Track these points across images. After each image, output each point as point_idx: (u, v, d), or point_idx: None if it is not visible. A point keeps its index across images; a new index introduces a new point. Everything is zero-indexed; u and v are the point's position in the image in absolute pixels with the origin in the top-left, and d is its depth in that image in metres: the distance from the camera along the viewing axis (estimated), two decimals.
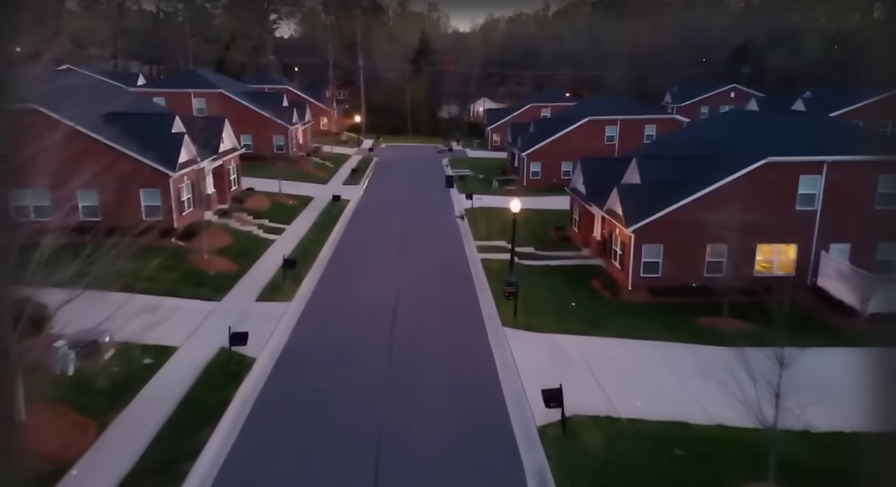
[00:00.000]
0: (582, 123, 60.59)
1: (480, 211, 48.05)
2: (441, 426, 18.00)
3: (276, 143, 63.09)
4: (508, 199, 55.18)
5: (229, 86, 64.98)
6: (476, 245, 38.56)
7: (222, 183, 41.53)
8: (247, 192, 45.47)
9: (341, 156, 76.78)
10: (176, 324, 24.56)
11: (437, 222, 44.75)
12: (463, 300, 28.71)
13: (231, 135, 43.58)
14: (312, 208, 47.37)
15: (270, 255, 34.62)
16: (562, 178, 61.27)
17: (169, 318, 25.03)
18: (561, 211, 48.26)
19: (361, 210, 48.07)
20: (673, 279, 30.68)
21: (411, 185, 59.87)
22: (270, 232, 39.31)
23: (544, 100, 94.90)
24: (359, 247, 37.24)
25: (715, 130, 38.61)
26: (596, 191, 37.06)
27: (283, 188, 49.41)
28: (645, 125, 61.14)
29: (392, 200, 52.36)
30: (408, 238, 39.88)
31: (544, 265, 35.29)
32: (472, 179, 64.15)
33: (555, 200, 53.00)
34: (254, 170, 53.57)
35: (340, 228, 41.91)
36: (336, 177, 62.38)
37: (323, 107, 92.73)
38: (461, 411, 18.91)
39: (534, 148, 61.07)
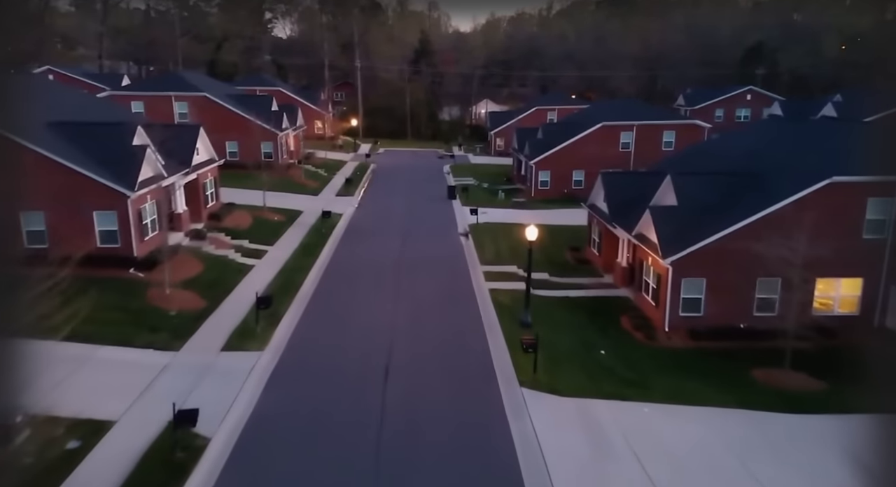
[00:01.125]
0: (595, 129, 55.92)
1: (486, 228, 43.37)
2: None
3: (264, 150, 58.33)
4: (516, 213, 50.74)
5: (214, 89, 60.31)
6: (483, 271, 33.87)
7: (196, 199, 36.86)
8: (226, 208, 40.80)
9: (336, 163, 72.09)
10: (119, 386, 19.91)
11: (439, 242, 40.07)
12: (471, 348, 24.02)
13: (208, 145, 38.92)
14: (300, 224, 42.67)
15: (246, 286, 29.93)
16: (573, 188, 56.75)
17: (112, 377, 20.40)
18: (576, 227, 43.60)
19: (355, 227, 43.36)
20: (717, 319, 26.04)
21: (410, 197, 55.18)
22: (250, 255, 34.61)
23: (550, 102, 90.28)
24: (349, 276, 32.54)
25: (757, 142, 33.91)
26: (621, 210, 32.40)
27: (270, 201, 44.73)
28: (663, 131, 56.47)
29: (389, 215, 47.67)
30: (405, 263, 35.19)
31: (562, 296, 30.59)
32: (475, 189, 59.50)
33: (567, 214, 48.36)
34: (238, 180, 48.89)
35: (329, 250, 37.21)
36: (329, 187, 57.69)
37: (318, 110, 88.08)
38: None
39: (542, 156, 56.41)
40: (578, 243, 39.62)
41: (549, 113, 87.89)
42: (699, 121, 57.04)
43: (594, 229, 36.78)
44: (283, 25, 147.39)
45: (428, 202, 52.99)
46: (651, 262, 27.73)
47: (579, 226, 43.64)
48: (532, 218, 46.86)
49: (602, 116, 57.50)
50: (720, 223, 25.83)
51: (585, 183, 56.71)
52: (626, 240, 31.64)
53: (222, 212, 39.74)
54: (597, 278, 33.96)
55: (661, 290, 26.49)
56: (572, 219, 46.62)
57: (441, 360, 22.95)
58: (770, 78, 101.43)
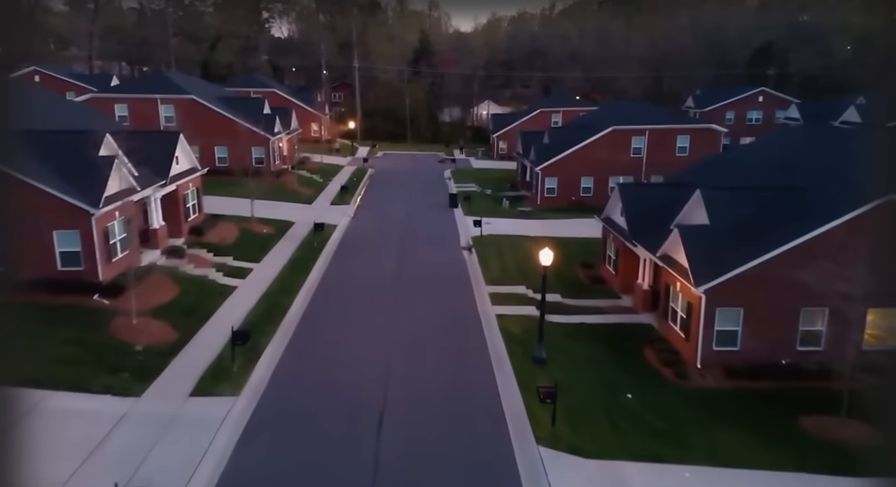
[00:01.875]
0: (605, 134, 52.85)
1: (491, 240, 40.31)
2: None
3: (255, 156, 55.33)
4: (522, 224, 47.49)
5: (203, 91, 57.27)
6: (489, 292, 30.80)
7: (176, 212, 33.79)
8: (209, 221, 37.72)
9: (332, 168, 69.01)
10: (65, 445, 16.88)
11: (440, 257, 37.00)
12: (478, 390, 20.96)
13: (189, 153, 35.84)
14: (291, 237, 39.61)
15: (227, 312, 26.90)
16: (581, 196, 53.76)
17: (58, 433, 17.35)
18: (587, 240, 40.56)
19: (349, 240, 40.27)
20: (756, 354, 22.97)
21: (409, 205, 52.10)
22: (233, 274, 31.55)
23: (554, 104, 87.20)
24: (340, 299, 29.46)
25: (787, 150, 30.85)
26: (641, 226, 29.35)
27: (259, 211, 41.67)
28: (677, 136, 53.39)
29: (386, 226, 44.58)
30: (403, 282, 32.11)
31: (578, 323, 27.49)
32: (478, 196, 56.43)
33: (577, 225, 45.32)
34: (227, 188, 45.86)
35: (321, 267, 34.12)
36: (324, 194, 54.60)
37: (314, 111, 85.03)
38: None
39: (549, 161, 53.35)
40: (591, 259, 36.56)
41: (553, 115, 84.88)
42: (714, 126, 53.96)
43: (610, 245, 33.70)
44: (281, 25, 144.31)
45: (428, 211, 49.92)
46: (679, 288, 24.66)
47: (591, 238, 40.61)
48: (539, 229, 43.91)
49: (611, 120, 54.44)
50: (760, 246, 22.77)
51: (594, 190, 53.81)
52: (648, 261, 28.59)
53: (205, 225, 36.66)
54: (614, 300, 30.89)
55: (693, 321, 23.43)
56: (582, 230, 43.61)
57: (444, 406, 19.90)
58: (781, 79, 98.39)
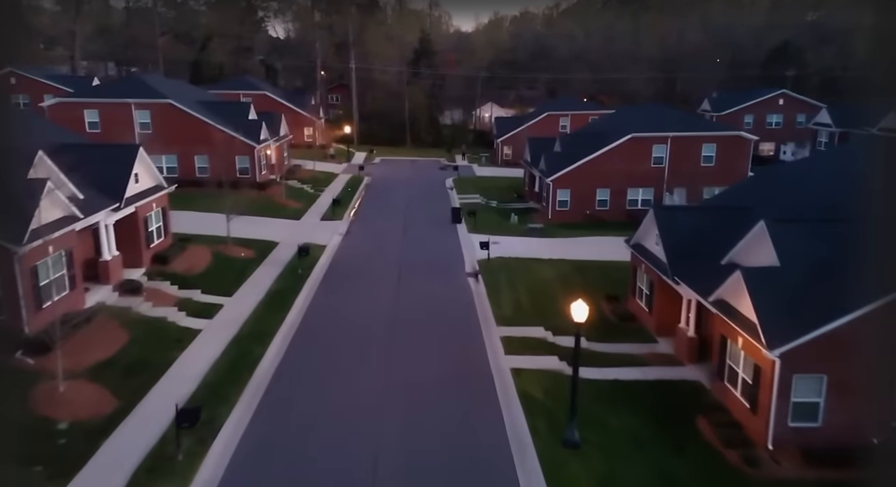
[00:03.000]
0: (623, 142, 48.04)
1: (500, 265, 35.51)
2: None
3: (238, 166, 50.56)
4: (534, 245, 41.98)
5: (183, 95, 52.47)
6: (501, 335, 25.99)
7: (134, 239, 29.01)
8: (177, 246, 32.91)
9: (326, 176, 64.24)
10: None
11: (443, 287, 32.15)
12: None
13: (151, 169, 31.00)
14: (273, 263, 34.79)
15: (183, 367, 22.13)
16: (596, 209, 49.03)
17: None
18: (608, 265, 35.86)
19: (339, 266, 35.39)
20: (841, 432, 18.19)
21: (408, 221, 47.26)
22: (198, 313, 26.76)
23: (562, 107, 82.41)
24: (322, 348, 24.61)
25: (851, 170, 26.04)
26: (684, 260, 24.58)
27: (239, 229, 36.87)
28: (702, 144, 48.58)
29: (382, 247, 39.73)
30: (399, 325, 27.27)
31: (612, 380, 22.63)
32: (483, 210, 51.63)
33: (595, 245, 40.59)
34: (206, 202, 41.21)
35: (303, 303, 29.26)
36: (314, 208, 49.77)
37: (307, 115, 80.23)
38: None
39: (561, 172, 48.56)
40: (616, 289, 31.77)
41: (561, 119, 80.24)
42: (744, 133, 49.11)
43: (641, 276, 28.87)
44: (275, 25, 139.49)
45: (429, 227, 45.10)
46: (742, 345, 19.84)
47: (613, 262, 35.94)
48: (553, 250, 39.11)
49: (629, 126, 49.63)
50: (849, 296, 17.97)
51: (611, 203, 49.09)
52: (694, 302, 23.80)
53: (172, 251, 31.84)
54: (649, 345, 26.08)
55: (762, 390, 18.61)
56: (602, 251, 38.90)
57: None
58: (798, 80, 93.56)
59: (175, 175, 49.65)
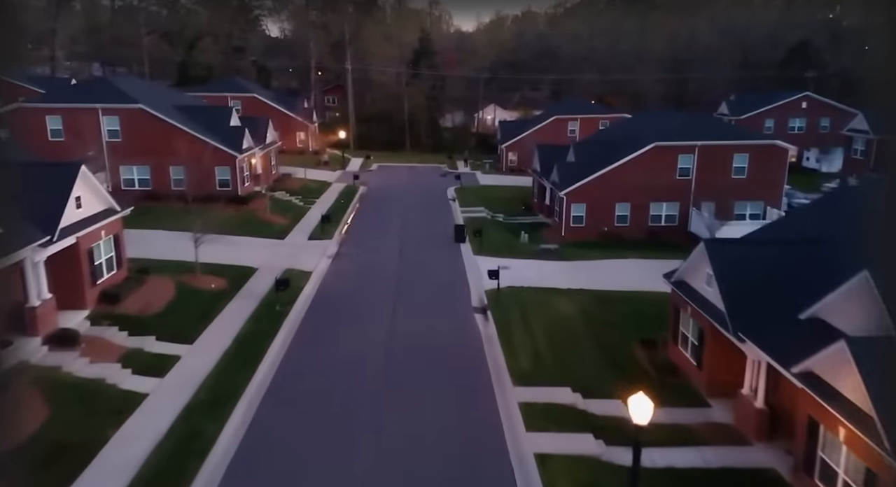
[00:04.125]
0: (645, 151, 43.17)
1: (511, 297, 30.63)
2: None
3: (219, 178, 45.70)
4: (549, 269, 36.29)
5: (158, 99, 47.59)
6: (519, 399, 21.07)
7: (76, 275, 24.12)
8: (135, 279, 28.00)
9: (318, 186, 59.37)
10: None
11: (445, 328, 27.22)
12: None
13: (97, 191, 25.99)
14: (247, 295, 29.87)
15: (114, 453, 17.21)
16: (615, 226, 44.17)
17: None
18: (636, 296, 31.07)
19: (323, 300, 30.38)
20: None
21: (406, 240, 42.32)
22: (147, 370, 21.84)
23: (570, 110, 77.41)
24: (294, 420, 19.62)
25: None
26: (747, 310, 19.69)
27: (212, 253, 32.02)
28: (733, 154, 43.68)
29: (375, 273, 34.77)
30: (392, 385, 22.31)
31: (664, 469, 17.77)
32: (489, 224, 46.77)
33: (618, 269, 35.82)
34: (180, 219, 36.20)
35: (278, 352, 24.26)
36: (302, 224, 44.85)
37: (300, 119, 75.31)
38: None
39: (576, 185, 43.71)
40: (650, 328, 26.93)
41: (569, 123, 75.38)
42: (780, 142, 44.18)
43: (686, 321, 23.96)
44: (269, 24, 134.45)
45: (429, 248, 40.17)
46: (846, 439, 14.94)
47: (642, 293, 31.17)
48: (571, 276, 34.20)
49: (651, 133, 44.75)
50: None
51: (631, 219, 44.25)
52: (764, 364, 18.93)
53: (126, 286, 26.93)
54: (701, 410, 21.18)
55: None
56: (627, 278, 34.10)
57: None
58: (819, 82, 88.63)
59: (147, 188, 44.91)
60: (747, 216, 44.17)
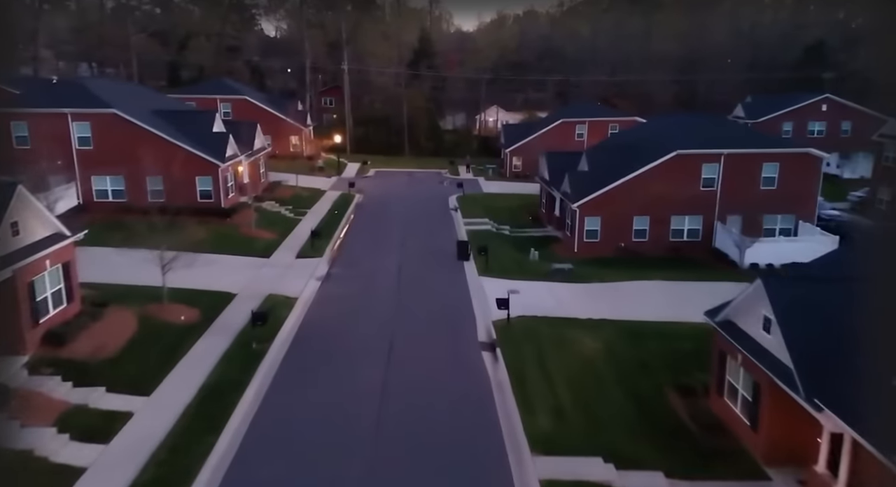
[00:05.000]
0: (666, 160, 39.42)
1: (524, 330, 26.83)
2: None
3: (200, 188, 41.95)
4: (565, 295, 31.32)
5: (136, 102, 43.85)
6: (542, 477, 17.21)
7: (11, 315, 20.32)
8: (89, 313, 24.19)
9: (311, 195, 55.59)
10: None
11: (448, 370, 23.44)
12: None
13: (40, 214, 22.24)
14: (221, 330, 26.06)
15: None
16: (632, 241, 40.43)
17: None
18: (667, 327, 27.36)
19: (308, 336, 26.50)
20: None
21: (405, 257, 38.51)
22: (89, 434, 18.07)
23: (577, 113, 73.47)
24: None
25: None
26: (822, 369, 15.92)
27: (186, 277, 28.23)
28: (763, 162, 39.91)
29: (369, 301, 30.90)
30: (387, 447, 18.57)
31: None
32: (495, 239, 43.02)
33: (642, 294, 32.07)
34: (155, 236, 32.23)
35: (248, 409, 20.34)
36: (290, 240, 41.02)
37: (293, 123, 71.51)
38: None
39: (590, 196, 39.97)
40: (685, 369, 23.30)
41: (577, 126, 71.55)
42: (814, 150, 40.38)
43: (736, 371, 20.16)
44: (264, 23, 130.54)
45: (430, 268, 36.35)
46: None
47: (673, 325, 27.47)
48: (589, 303, 30.38)
49: (672, 140, 41.02)
50: None
51: (651, 234, 40.51)
52: (848, 439, 15.15)
53: (78, 322, 23.14)
54: (758, 484, 17.43)
55: None
56: (654, 304, 30.40)
57: None
58: (837, 83, 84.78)
59: (122, 199, 41.15)
60: (777, 231, 40.48)
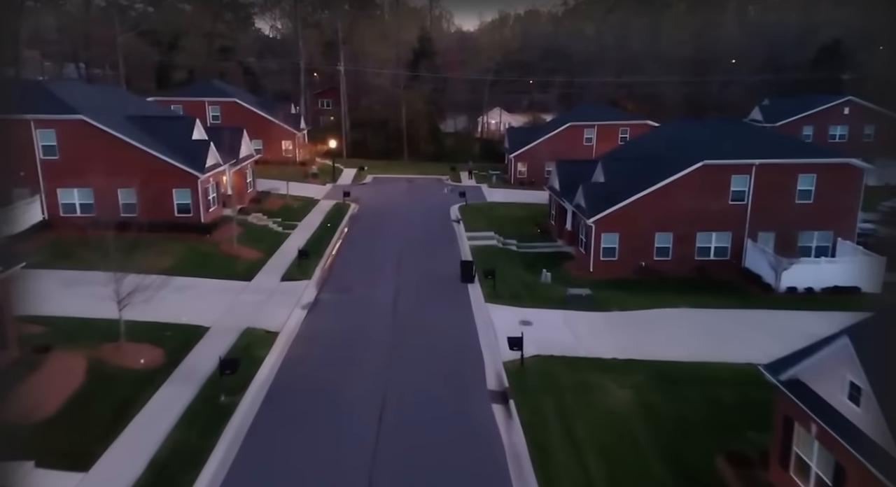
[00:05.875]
0: (692, 171, 35.67)
1: (540, 376, 23.02)
2: None
3: (177, 202, 38.18)
4: (583, 325, 26.57)
5: (107, 108, 40.08)
6: None
7: None
8: (23, 364, 20.37)
9: (302, 204, 51.85)
10: None
11: (453, 434, 19.56)
12: None
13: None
14: (186, 377, 22.22)
15: None
16: (654, 260, 36.67)
17: None
18: (700, 368, 23.58)
19: (287, 384, 22.64)
20: None
21: (402, 280, 34.69)
22: None
23: (585, 116, 69.57)
24: None
25: None
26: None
27: (152, 307, 24.35)
28: (798, 174, 36.13)
29: (360, 337, 27.05)
30: None
31: None
32: (502, 256, 39.33)
33: (671, 324, 28.32)
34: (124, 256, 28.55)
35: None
36: (275, 259, 37.19)
37: (286, 127, 67.72)
38: None
39: (607, 211, 36.21)
40: (734, 429, 19.52)
41: (586, 130, 67.78)
42: (855, 160, 36.59)
43: (808, 445, 16.36)
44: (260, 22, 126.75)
45: (431, 294, 32.50)
46: None
47: (708, 365, 23.69)
48: (613, 337, 26.48)
49: (697, 148, 37.26)
50: None
51: (674, 252, 36.77)
52: None
53: (8, 377, 19.33)
54: None
55: None
56: (684, 338, 26.67)
57: None
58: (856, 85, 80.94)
59: (91, 214, 37.28)
60: (813, 249, 36.68)
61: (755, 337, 26.72)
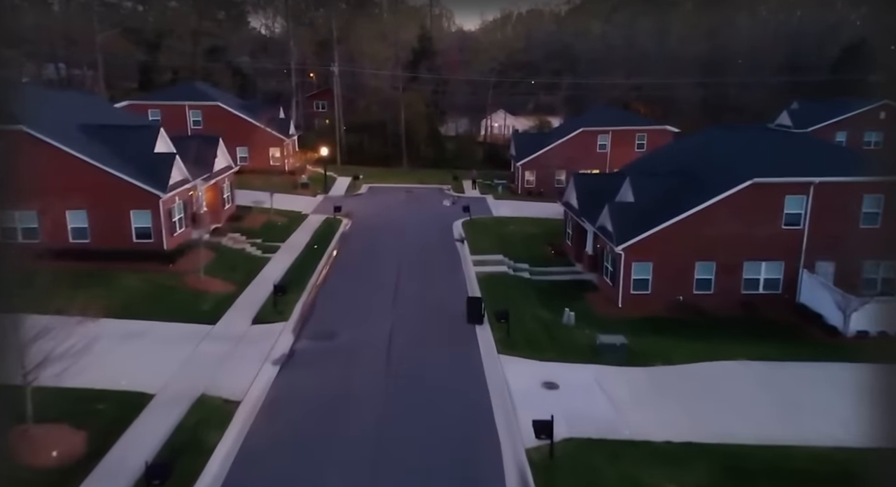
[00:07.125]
0: (739, 190, 30.29)
1: (578, 470, 17.64)
2: None
3: (136, 225, 32.76)
4: (622, 389, 18.18)
5: (55, 116, 34.65)
6: None
7: None
8: None
9: (288, 222, 46.45)
10: None
11: None
12: None
13: None
14: (106, 478, 16.80)
15: None
16: (694, 294, 31.26)
17: None
18: (775, 453, 18.26)
19: (250, 479, 17.43)
20: None
21: (398, 321, 29.23)
22: None
23: (598, 121, 64.21)
24: None
25: None
26: None
27: (86, 362, 18.92)
28: (862, 194, 30.75)
29: (342, 415, 21.53)
30: None
31: None
32: (513, 288, 33.94)
33: (723, 386, 22.93)
34: (65, 291, 23.04)
35: None
36: (249, 293, 31.71)
37: (274, 133, 62.26)
38: None
39: (639, 237, 30.85)
40: None
41: (599, 136, 62.48)
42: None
43: None
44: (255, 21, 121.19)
45: (431, 342, 27.01)
46: None
47: (784, 448, 18.30)
48: (662, 406, 20.76)
49: (744, 162, 31.92)
50: None
51: (717, 285, 31.30)
52: None
53: None
54: None
55: None
56: (748, 406, 21.31)
57: None
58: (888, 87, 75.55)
59: (34, 240, 31.90)
60: (879, 282, 31.24)
61: (835, 405, 21.37)
